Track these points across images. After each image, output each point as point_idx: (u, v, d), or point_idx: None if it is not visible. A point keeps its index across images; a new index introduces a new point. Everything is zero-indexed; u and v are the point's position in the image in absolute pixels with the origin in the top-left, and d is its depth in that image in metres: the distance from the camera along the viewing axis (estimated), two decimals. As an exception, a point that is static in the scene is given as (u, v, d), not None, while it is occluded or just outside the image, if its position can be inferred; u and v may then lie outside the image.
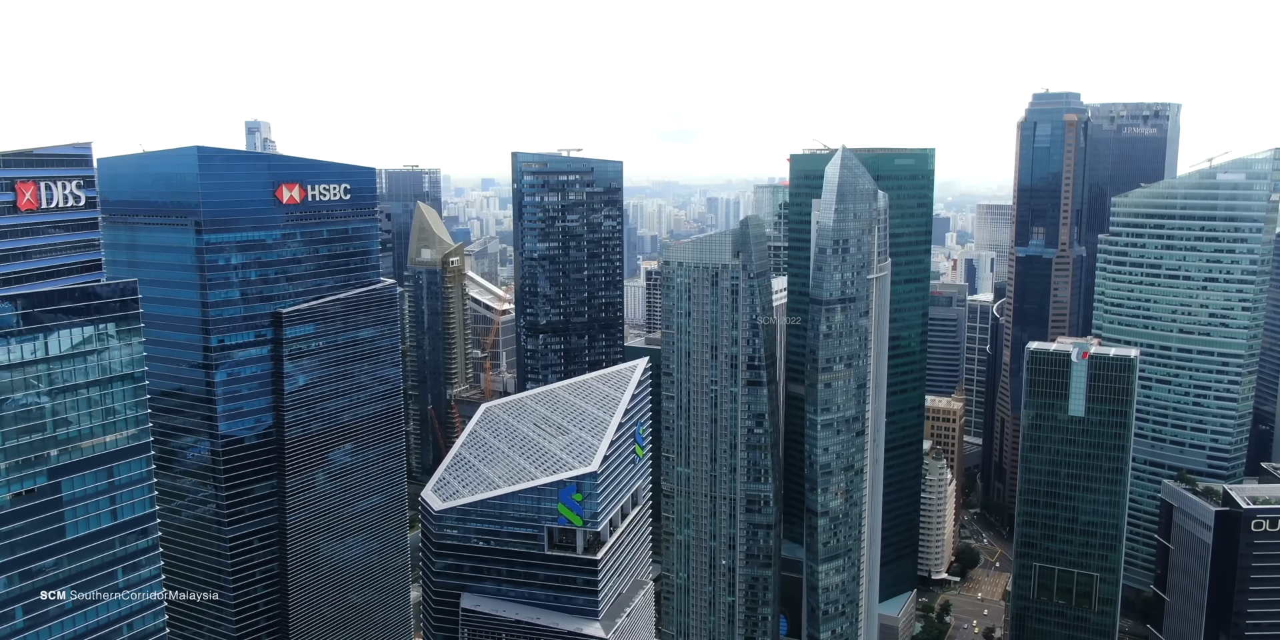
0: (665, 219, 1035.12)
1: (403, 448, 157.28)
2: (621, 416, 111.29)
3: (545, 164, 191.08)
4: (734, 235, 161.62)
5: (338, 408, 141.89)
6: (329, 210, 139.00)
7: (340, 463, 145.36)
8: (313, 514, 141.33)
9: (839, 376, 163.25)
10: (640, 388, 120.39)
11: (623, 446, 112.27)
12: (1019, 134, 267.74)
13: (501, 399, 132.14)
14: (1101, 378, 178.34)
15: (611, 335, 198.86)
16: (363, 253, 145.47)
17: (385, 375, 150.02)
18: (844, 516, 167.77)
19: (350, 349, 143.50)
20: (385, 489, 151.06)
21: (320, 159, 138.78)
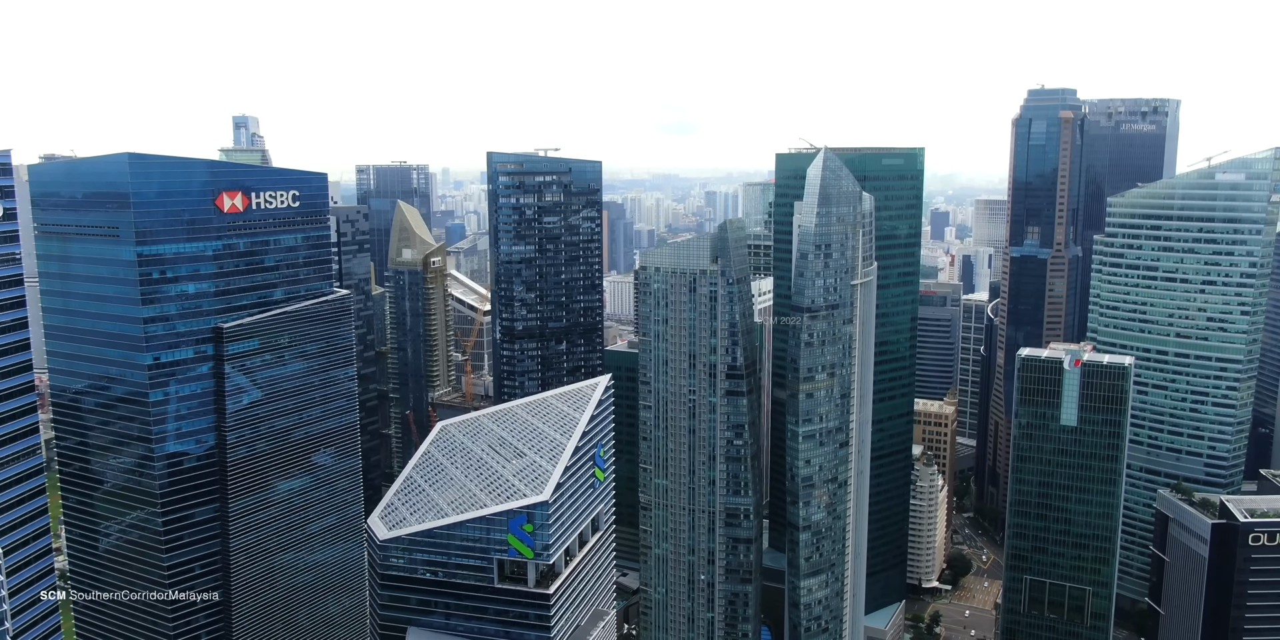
0: (663, 213, 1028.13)
1: (359, 466, 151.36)
2: (578, 440, 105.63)
3: (521, 164, 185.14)
4: (712, 240, 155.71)
5: (287, 425, 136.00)
6: (276, 218, 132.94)
7: (290, 483, 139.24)
8: (259, 538, 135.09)
9: (821, 386, 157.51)
10: (600, 408, 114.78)
11: (580, 471, 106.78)
12: (1014, 131, 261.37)
13: (457, 417, 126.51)
14: (1094, 386, 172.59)
15: (591, 340, 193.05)
16: (314, 262, 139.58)
17: (340, 390, 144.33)
18: (827, 530, 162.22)
19: (300, 363, 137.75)
20: (341, 509, 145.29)
21: (265, 165, 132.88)
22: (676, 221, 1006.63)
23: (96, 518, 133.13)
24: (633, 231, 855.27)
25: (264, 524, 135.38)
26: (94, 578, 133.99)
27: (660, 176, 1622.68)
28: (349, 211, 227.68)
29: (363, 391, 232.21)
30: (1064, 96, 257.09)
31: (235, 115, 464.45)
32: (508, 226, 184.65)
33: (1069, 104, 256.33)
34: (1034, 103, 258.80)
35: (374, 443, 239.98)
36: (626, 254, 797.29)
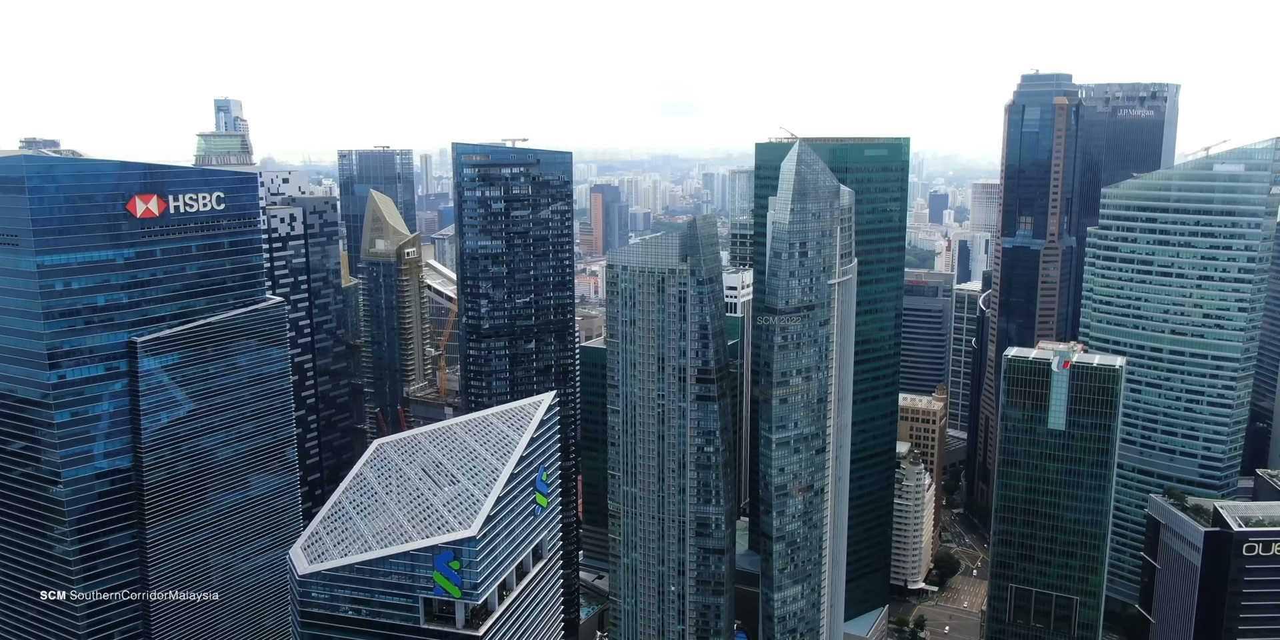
0: (660, 195, 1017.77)
1: (297, 483, 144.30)
2: (514, 466, 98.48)
3: (488, 156, 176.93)
4: (681, 237, 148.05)
5: (212, 444, 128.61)
6: (197, 223, 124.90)
7: (217, 505, 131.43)
8: (182, 564, 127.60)
9: (796, 391, 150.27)
10: (542, 429, 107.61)
11: (517, 499, 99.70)
12: (1006, 117, 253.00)
13: (395, 435, 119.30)
14: (1084, 389, 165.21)
15: (563, 339, 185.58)
16: (242, 269, 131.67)
17: (274, 404, 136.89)
18: (802, 540, 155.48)
19: (228, 377, 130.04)
20: (275, 530, 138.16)
21: (184, 165, 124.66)
22: (674, 204, 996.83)
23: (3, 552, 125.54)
24: (628, 215, 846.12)
25: (188, 549, 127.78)
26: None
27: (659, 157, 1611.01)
28: (316, 202, 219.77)
29: (333, 387, 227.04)
30: (1058, 82, 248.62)
31: (217, 98, 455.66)
32: (473, 221, 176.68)
33: (1064, 89, 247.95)
34: (1027, 88, 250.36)
35: (344, 440, 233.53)
36: (621, 237, 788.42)
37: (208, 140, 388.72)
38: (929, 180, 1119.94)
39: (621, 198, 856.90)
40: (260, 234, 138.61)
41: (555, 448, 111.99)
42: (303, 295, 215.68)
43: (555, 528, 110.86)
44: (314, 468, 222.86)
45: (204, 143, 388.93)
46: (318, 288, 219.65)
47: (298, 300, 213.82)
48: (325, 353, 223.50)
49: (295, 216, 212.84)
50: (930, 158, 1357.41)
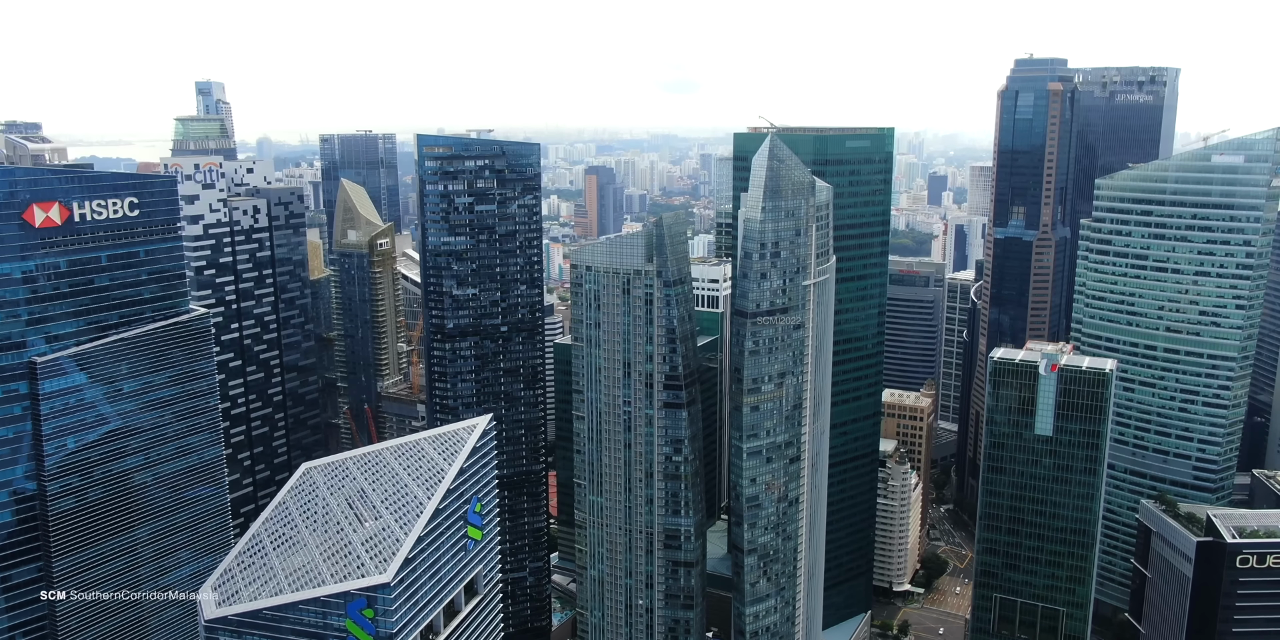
0: (657, 175, 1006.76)
1: (227, 507, 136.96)
2: (440, 500, 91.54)
3: (450, 147, 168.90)
4: (646, 236, 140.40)
5: (128, 468, 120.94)
6: (108, 231, 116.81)
7: (135, 534, 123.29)
8: (93, 599, 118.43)
9: (768, 397, 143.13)
10: (475, 457, 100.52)
11: (443, 535, 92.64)
12: (999, 104, 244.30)
13: (324, 458, 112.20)
14: (1073, 393, 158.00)
15: (531, 338, 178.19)
16: (162, 279, 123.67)
17: (199, 422, 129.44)
18: (775, 553, 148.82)
19: (145, 396, 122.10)
20: (202, 557, 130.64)
21: (93, 170, 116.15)
22: (671, 185, 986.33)
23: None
24: (624, 196, 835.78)
25: (102, 580, 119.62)
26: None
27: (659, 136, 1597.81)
28: (282, 193, 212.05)
29: (301, 383, 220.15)
30: (1053, 66, 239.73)
31: (198, 81, 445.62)
32: (436, 216, 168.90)
33: (1058, 74, 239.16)
34: (1021, 73, 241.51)
35: (315, 437, 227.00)
36: (617, 220, 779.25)
37: (186, 124, 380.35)
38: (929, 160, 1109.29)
39: (617, 179, 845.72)
40: (179, 241, 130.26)
41: (491, 475, 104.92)
42: (268, 290, 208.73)
43: (492, 560, 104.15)
44: (283, 467, 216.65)
45: (182, 127, 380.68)
46: (284, 281, 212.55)
47: (262, 295, 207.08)
48: (293, 348, 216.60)
49: (259, 208, 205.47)
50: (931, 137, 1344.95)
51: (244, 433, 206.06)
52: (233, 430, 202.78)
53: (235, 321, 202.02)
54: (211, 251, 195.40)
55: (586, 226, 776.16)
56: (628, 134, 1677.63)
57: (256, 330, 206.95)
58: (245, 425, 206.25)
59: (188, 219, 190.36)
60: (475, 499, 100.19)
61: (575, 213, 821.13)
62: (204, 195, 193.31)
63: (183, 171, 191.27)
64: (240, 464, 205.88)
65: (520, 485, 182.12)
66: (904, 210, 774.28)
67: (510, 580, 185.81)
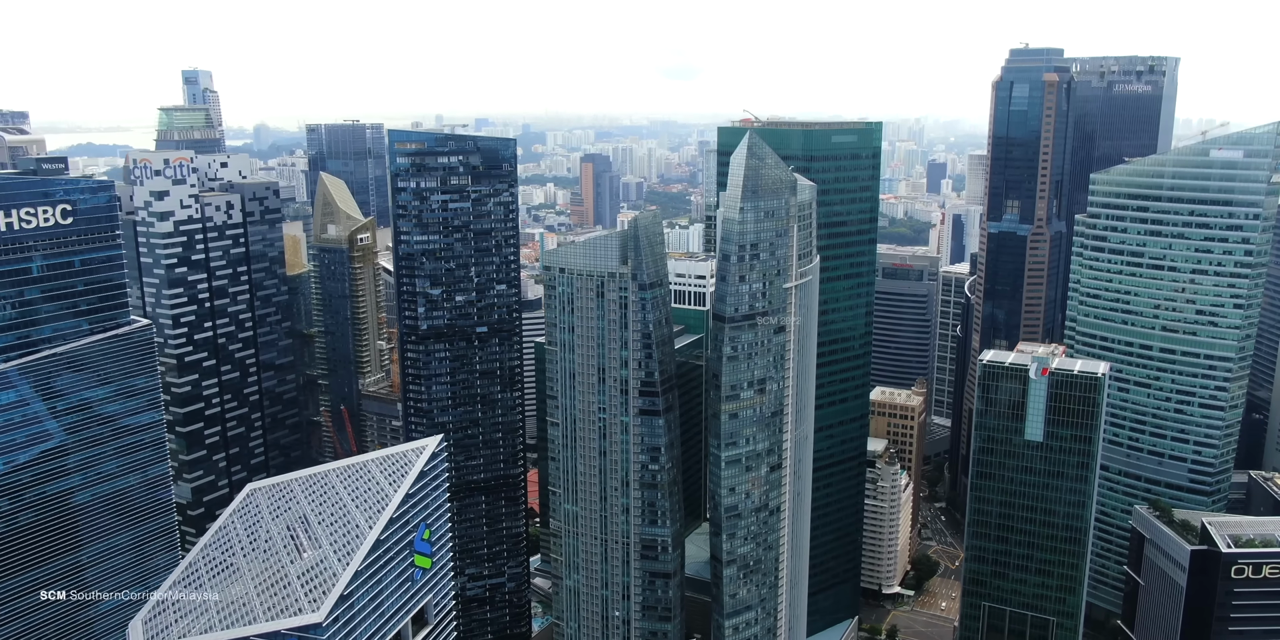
0: (655, 163, 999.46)
1: (175, 528, 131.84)
2: (382, 529, 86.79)
3: (423, 143, 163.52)
4: (621, 238, 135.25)
5: (64, 490, 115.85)
6: (38, 240, 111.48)
7: (72, 559, 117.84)
8: (28, 627, 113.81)
9: (748, 404, 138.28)
10: (422, 481, 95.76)
11: (386, 566, 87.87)
12: (994, 95, 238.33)
13: (270, 479, 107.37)
14: (1064, 398, 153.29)
15: (508, 339, 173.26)
16: (99, 289, 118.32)
17: (142, 440, 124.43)
18: (756, 563, 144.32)
19: (82, 413, 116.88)
20: (147, 579, 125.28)
21: (14, 175, 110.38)
22: (669, 172, 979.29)
23: None
24: (620, 184, 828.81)
25: (35, 609, 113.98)
26: None
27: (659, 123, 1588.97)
28: (256, 187, 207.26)
29: (279, 382, 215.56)
30: (1048, 57, 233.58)
31: (185, 70, 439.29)
32: (407, 214, 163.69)
33: (1054, 65, 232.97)
34: (1016, 64, 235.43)
35: (294, 437, 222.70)
36: (613, 208, 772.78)
37: (170, 114, 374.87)
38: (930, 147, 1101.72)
39: (613, 167, 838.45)
40: (119, 249, 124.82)
41: (442, 499, 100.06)
42: (243, 287, 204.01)
43: (444, 588, 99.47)
44: (259, 468, 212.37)
45: (165, 117, 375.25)
46: (260, 278, 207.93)
47: (237, 292, 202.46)
48: (270, 346, 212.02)
49: (233, 204, 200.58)
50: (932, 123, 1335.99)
51: (219, 433, 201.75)
52: (207, 431, 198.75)
53: (209, 320, 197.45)
54: (183, 248, 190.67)
55: (583, 215, 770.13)
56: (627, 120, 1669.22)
57: (231, 329, 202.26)
58: (220, 425, 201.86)
59: (157, 216, 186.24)
60: (423, 526, 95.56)
61: (571, 201, 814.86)
62: (174, 191, 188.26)
63: (152, 166, 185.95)
64: (215, 465, 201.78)
65: (498, 490, 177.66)
66: (902, 198, 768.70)
67: (489, 586, 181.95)
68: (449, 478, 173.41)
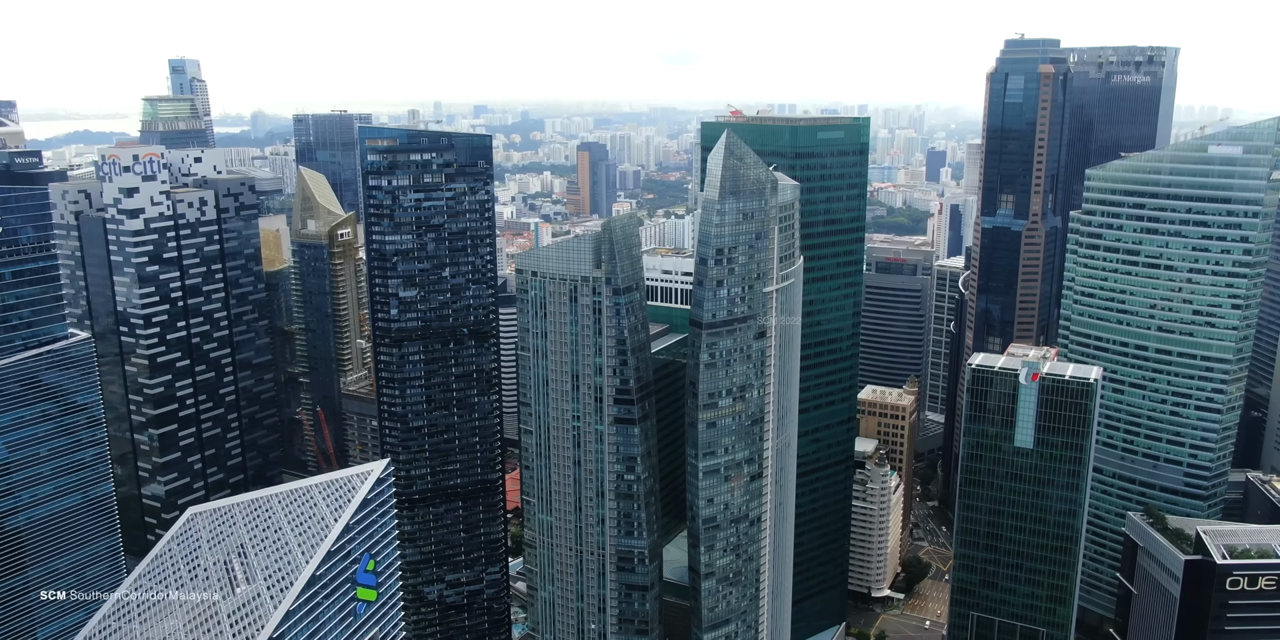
0: (654, 151, 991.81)
1: (119, 550, 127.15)
2: (318, 565, 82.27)
3: (395, 140, 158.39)
4: (595, 240, 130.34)
5: None
6: None
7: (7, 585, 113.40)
8: None
9: (726, 412, 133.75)
10: (366, 510, 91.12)
11: (325, 604, 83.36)
12: (988, 87, 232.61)
13: (211, 503, 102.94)
14: (1055, 404, 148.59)
15: (484, 341, 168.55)
16: (32, 303, 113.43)
17: (83, 458, 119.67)
18: (735, 576, 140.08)
19: (17, 432, 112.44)
20: (90, 604, 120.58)
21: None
22: (667, 160, 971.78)
23: None
24: (617, 173, 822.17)
25: None
26: None
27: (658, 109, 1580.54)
28: (231, 183, 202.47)
29: (256, 382, 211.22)
30: (1044, 47, 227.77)
31: (172, 58, 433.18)
32: (380, 213, 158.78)
33: (1050, 56, 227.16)
34: (1011, 55, 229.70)
35: (272, 437, 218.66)
36: (610, 197, 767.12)
37: (154, 105, 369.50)
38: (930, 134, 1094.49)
39: (609, 155, 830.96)
40: (54, 260, 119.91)
41: (389, 526, 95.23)
42: (218, 285, 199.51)
43: (394, 619, 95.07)
44: (237, 469, 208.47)
45: (150, 107, 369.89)
46: (236, 276, 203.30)
47: (211, 291, 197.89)
48: (247, 345, 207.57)
49: (206, 200, 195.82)
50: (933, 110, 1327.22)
51: (194, 435, 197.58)
52: (181, 432, 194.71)
53: (183, 319, 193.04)
54: (155, 246, 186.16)
55: (579, 204, 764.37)
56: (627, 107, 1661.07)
57: (206, 328, 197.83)
58: (195, 427, 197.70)
59: (127, 213, 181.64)
60: (367, 556, 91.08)
61: (568, 190, 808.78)
62: (144, 188, 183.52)
63: (120, 163, 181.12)
64: (191, 467, 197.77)
65: (476, 495, 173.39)
66: (901, 187, 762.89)
67: (467, 593, 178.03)
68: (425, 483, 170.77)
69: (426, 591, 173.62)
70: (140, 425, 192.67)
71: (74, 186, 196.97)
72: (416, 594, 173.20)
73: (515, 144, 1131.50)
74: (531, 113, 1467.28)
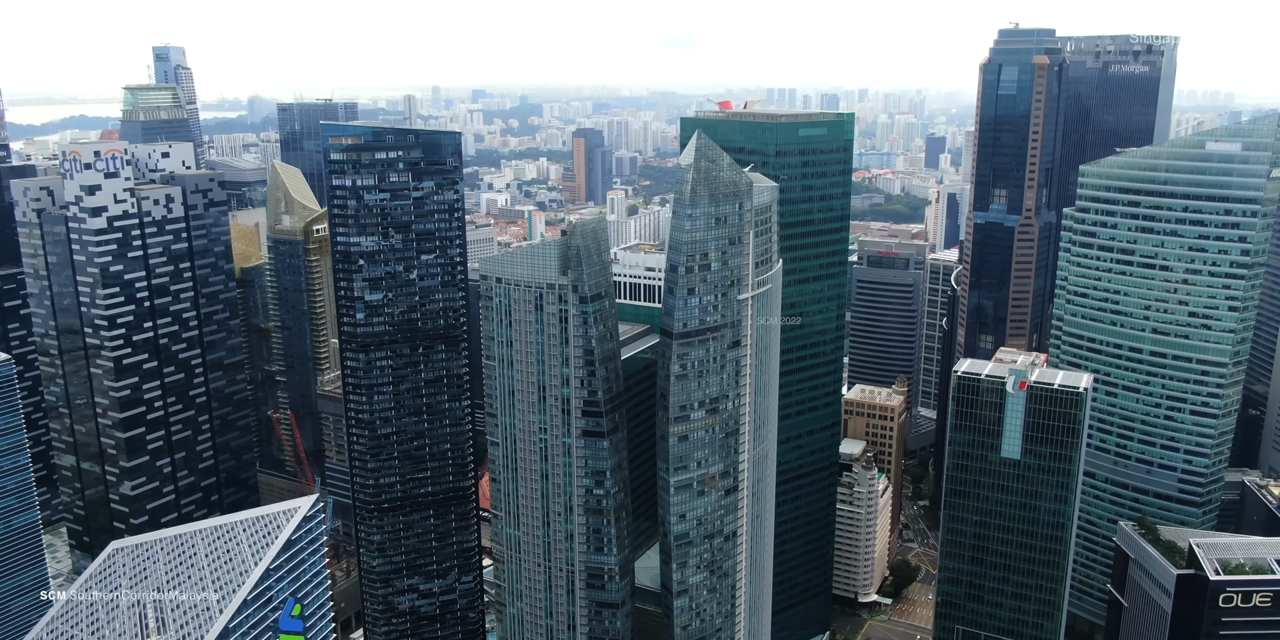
0: (651, 136, 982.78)
1: (46, 582, 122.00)
2: (232, 615, 77.06)
3: (361, 138, 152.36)
4: (561, 247, 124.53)
5: None
6: None
7: None
8: None
9: (699, 425, 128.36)
10: (290, 551, 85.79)
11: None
12: (981, 78, 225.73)
13: (135, 537, 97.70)
14: (1043, 413, 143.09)
15: (454, 346, 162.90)
16: None
17: (4, 485, 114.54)
18: (710, 593, 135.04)
19: None
20: None
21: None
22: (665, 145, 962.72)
23: None
24: (613, 160, 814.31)
25: None
26: None
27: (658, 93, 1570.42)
28: (199, 179, 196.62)
29: (228, 383, 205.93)
30: (1039, 38, 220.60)
31: (156, 46, 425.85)
32: (344, 213, 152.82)
33: (1045, 47, 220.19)
34: (1005, 45, 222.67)
35: (245, 439, 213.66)
36: (606, 184, 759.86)
37: (135, 94, 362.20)
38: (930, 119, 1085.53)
39: (606, 142, 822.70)
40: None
41: (318, 566, 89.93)
42: (187, 284, 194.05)
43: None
44: (209, 472, 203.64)
45: (130, 97, 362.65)
46: (205, 274, 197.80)
47: (179, 290, 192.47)
48: (217, 345, 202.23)
49: (173, 197, 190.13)
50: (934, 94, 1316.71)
51: (163, 438, 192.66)
52: (149, 435, 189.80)
53: (149, 320, 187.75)
54: (118, 245, 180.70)
55: (575, 191, 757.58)
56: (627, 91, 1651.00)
57: (175, 328, 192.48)
58: (164, 429, 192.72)
59: (89, 211, 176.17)
60: (292, 601, 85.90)
61: (564, 176, 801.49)
62: (107, 185, 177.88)
63: (81, 159, 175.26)
64: (160, 471, 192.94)
65: (448, 503, 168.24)
66: (900, 173, 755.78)
67: (441, 603, 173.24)
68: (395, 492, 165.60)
69: (398, 603, 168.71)
70: (107, 428, 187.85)
71: (36, 183, 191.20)
72: (387, 605, 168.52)
73: (513, 129, 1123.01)
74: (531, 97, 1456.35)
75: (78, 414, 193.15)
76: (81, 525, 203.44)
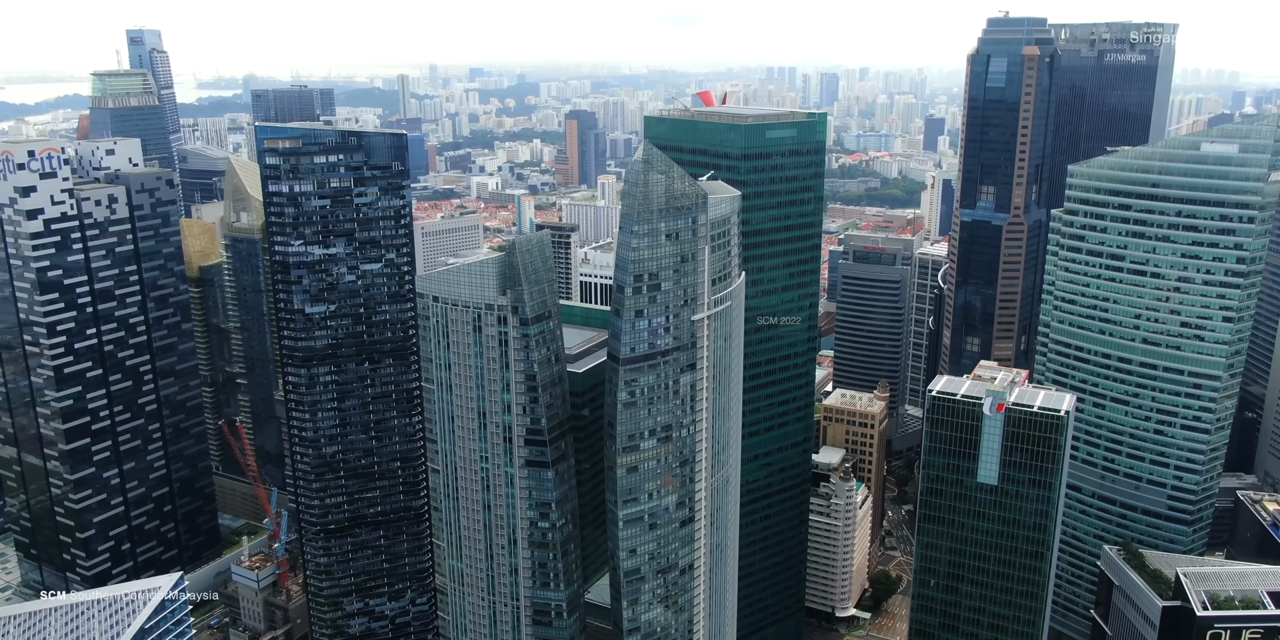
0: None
1: None
2: None
3: (298, 140, 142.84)
4: (500, 265, 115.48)
5: None
6: None
7: None
8: None
9: (649, 455, 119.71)
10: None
11: None
12: (968, 69, 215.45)
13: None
14: (1022, 437, 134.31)
15: (403, 359, 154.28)
16: None
17: None
18: (664, 630, 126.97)
19: None
20: None
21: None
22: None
23: None
24: (607, 141, 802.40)
25: None
26: None
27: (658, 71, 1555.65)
28: (145, 178, 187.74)
29: (180, 389, 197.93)
30: (1030, 28, 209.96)
31: (129, 29, 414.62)
32: (281, 222, 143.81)
33: (1037, 37, 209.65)
34: (994, 35, 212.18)
35: (199, 447, 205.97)
36: (599, 166, 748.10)
37: (104, 80, 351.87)
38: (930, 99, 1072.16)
39: (599, 124, 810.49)
40: None
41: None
42: (133, 288, 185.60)
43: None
44: (161, 482, 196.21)
45: (99, 83, 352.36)
46: (154, 277, 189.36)
47: (125, 295, 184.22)
48: (168, 351, 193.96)
49: (116, 197, 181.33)
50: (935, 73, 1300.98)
51: (110, 448, 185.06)
52: (95, 446, 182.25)
53: (93, 326, 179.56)
54: (57, 249, 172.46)
55: (568, 174, 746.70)
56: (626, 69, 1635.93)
57: (121, 334, 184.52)
58: (111, 440, 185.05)
59: (24, 214, 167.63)
60: None
61: (558, 159, 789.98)
62: (43, 186, 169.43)
63: (14, 159, 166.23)
64: (107, 483, 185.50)
65: (398, 523, 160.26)
66: (897, 156, 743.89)
67: (394, 625, 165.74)
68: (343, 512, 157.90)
69: (348, 626, 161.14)
70: (49, 440, 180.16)
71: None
72: (337, 629, 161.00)
73: (509, 109, 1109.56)
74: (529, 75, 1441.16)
75: (19, 425, 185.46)
76: (29, 538, 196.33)
